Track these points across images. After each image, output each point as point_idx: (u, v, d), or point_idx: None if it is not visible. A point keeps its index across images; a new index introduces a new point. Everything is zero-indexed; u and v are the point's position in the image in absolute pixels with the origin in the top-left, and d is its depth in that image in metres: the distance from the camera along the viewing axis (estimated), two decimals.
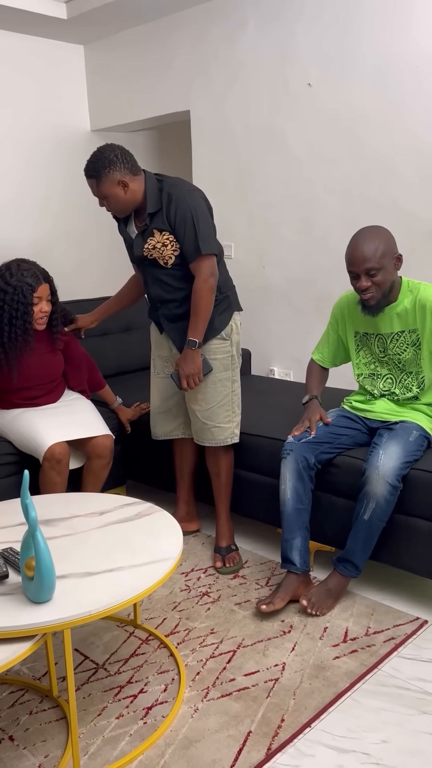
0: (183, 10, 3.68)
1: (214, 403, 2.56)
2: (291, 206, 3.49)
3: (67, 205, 4.33)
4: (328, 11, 3.13)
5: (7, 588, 1.65)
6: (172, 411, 2.74)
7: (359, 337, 2.45)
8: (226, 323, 2.55)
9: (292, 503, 2.34)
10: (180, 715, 1.84)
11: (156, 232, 2.42)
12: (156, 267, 2.49)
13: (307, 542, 2.37)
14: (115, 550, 1.83)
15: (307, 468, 2.35)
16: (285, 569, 2.35)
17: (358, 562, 2.27)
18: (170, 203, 2.38)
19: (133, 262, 2.63)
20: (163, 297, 2.54)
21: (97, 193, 2.39)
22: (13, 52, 3.94)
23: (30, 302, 2.49)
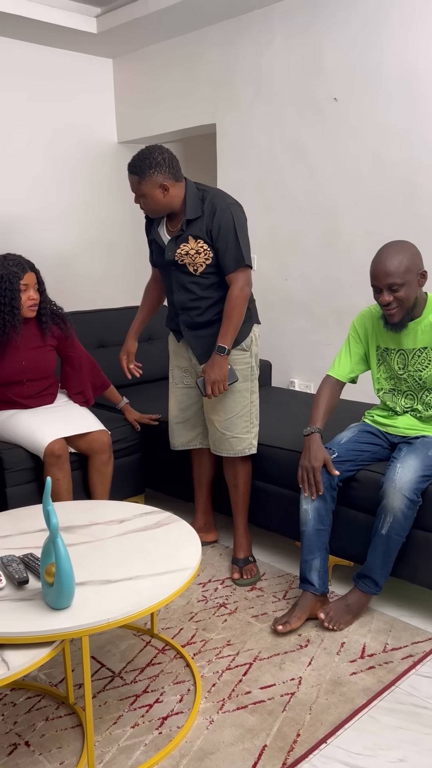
0: (211, 24, 3.73)
1: (232, 414, 2.57)
2: (314, 219, 3.50)
3: (93, 215, 4.38)
4: (354, 26, 3.15)
5: (27, 593, 1.66)
6: (190, 421, 2.75)
7: (380, 353, 2.43)
8: (246, 335, 2.56)
9: (313, 523, 2.32)
10: (195, 727, 1.84)
11: (191, 238, 2.44)
12: (184, 273, 2.50)
13: (327, 563, 2.35)
14: (134, 558, 1.84)
15: (329, 488, 2.33)
16: (303, 590, 2.33)
17: (378, 578, 2.25)
18: (213, 213, 2.41)
19: (158, 266, 2.62)
20: (186, 304, 2.55)
21: (137, 190, 2.40)
22: (43, 65, 4.01)
23: (17, 289, 2.58)
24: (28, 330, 2.71)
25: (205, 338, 2.55)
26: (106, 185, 4.43)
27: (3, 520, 2.11)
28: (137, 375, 2.78)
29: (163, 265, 2.57)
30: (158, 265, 2.62)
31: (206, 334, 2.55)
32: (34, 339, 2.73)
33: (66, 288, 4.24)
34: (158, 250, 2.56)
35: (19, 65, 3.92)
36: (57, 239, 4.23)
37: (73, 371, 2.87)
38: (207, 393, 2.46)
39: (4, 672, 1.44)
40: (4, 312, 2.58)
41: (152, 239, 2.58)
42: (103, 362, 3.47)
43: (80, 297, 4.26)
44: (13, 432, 2.64)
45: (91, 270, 4.42)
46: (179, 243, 2.46)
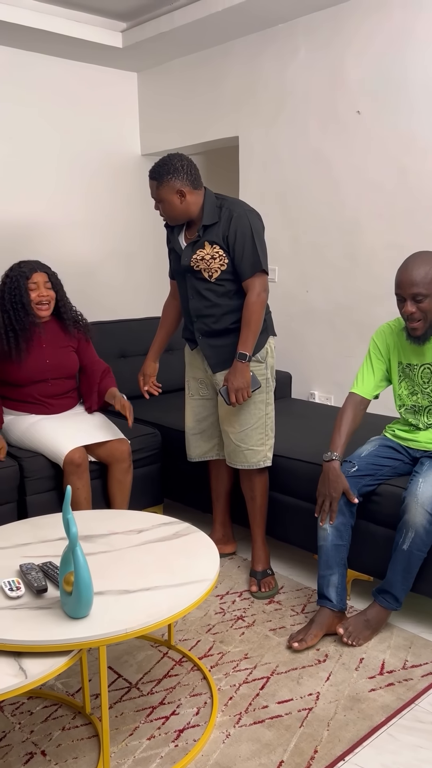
0: (235, 39, 3.76)
1: (247, 426, 2.56)
2: (336, 231, 3.50)
3: (115, 225, 4.42)
4: (378, 40, 3.16)
5: (46, 602, 1.67)
6: (206, 432, 2.75)
7: (402, 368, 2.40)
8: (261, 346, 2.56)
9: (332, 539, 2.30)
10: (211, 740, 1.83)
11: (207, 244, 2.46)
12: (199, 279, 2.52)
13: (345, 579, 2.32)
14: (152, 568, 1.84)
15: (348, 503, 2.31)
16: (320, 605, 2.30)
17: (398, 594, 2.22)
18: (230, 220, 2.44)
19: (176, 274, 2.64)
20: (201, 311, 2.56)
21: (155, 195, 2.44)
22: (69, 78, 4.07)
23: (24, 287, 2.69)
24: (51, 328, 2.80)
25: (219, 347, 2.56)
26: (128, 197, 4.47)
27: (23, 528, 2.12)
28: (155, 394, 2.77)
29: (179, 272, 2.60)
30: (176, 273, 2.64)
31: (220, 343, 2.55)
32: (58, 338, 2.82)
33: (88, 297, 4.28)
34: (176, 257, 2.59)
35: (46, 79, 3.98)
36: (79, 249, 4.28)
37: (84, 376, 2.93)
38: (231, 401, 2.46)
39: (21, 680, 1.44)
40: (18, 310, 2.69)
41: (171, 248, 2.62)
42: (123, 372, 3.50)
43: (101, 307, 4.30)
44: (34, 439, 2.66)
45: (113, 280, 4.45)
46: (195, 249, 2.48)
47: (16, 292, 2.69)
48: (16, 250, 3.95)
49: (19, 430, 2.73)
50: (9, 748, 1.80)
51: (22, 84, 3.89)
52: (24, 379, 2.73)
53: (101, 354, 3.45)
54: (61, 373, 2.80)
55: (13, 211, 3.95)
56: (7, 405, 2.81)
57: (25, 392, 2.76)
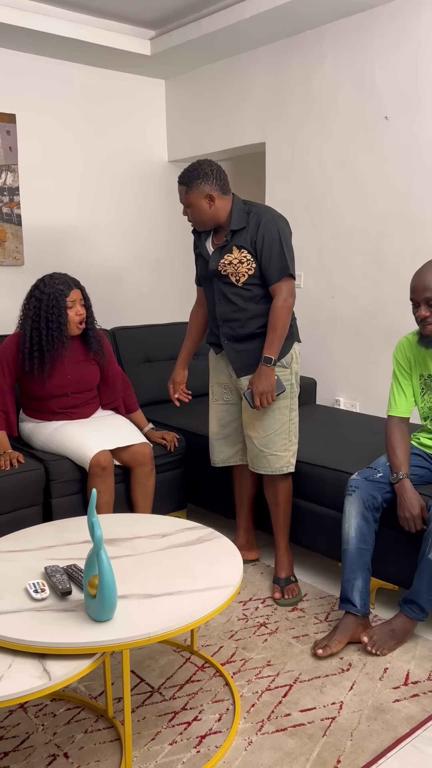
0: (262, 46, 3.77)
1: (271, 431, 2.56)
2: (362, 238, 3.48)
3: (142, 232, 4.46)
4: (406, 46, 3.15)
5: (70, 605, 1.68)
6: (230, 437, 2.74)
7: (423, 380, 2.37)
8: (287, 352, 2.56)
9: (356, 543, 2.29)
10: (233, 747, 1.82)
11: (235, 248, 2.47)
12: (226, 284, 2.53)
13: (368, 583, 2.30)
14: (176, 573, 1.84)
15: (372, 508, 2.29)
16: (344, 610, 2.29)
17: (425, 604, 2.19)
18: (258, 225, 2.46)
19: (203, 279, 2.64)
20: (227, 315, 2.56)
21: (184, 200, 2.46)
22: (98, 86, 4.12)
23: (63, 306, 2.65)
24: (74, 344, 2.77)
25: (244, 352, 2.56)
26: (155, 203, 4.50)
27: (48, 530, 2.14)
28: (185, 401, 2.79)
29: (206, 277, 2.60)
30: (202, 278, 2.64)
31: (245, 348, 2.55)
32: (79, 353, 2.80)
33: (115, 303, 4.32)
34: (203, 263, 2.60)
35: (75, 86, 4.03)
36: (107, 255, 4.31)
37: (106, 389, 2.92)
38: (255, 405, 2.46)
39: (45, 682, 1.45)
40: (53, 329, 2.65)
41: (198, 253, 2.63)
42: (149, 377, 3.52)
43: (128, 312, 4.33)
44: (60, 443, 2.69)
45: (139, 286, 4.48)
46: (223, 253, 2.49)
47: (55, 310, 2.63)
48: (44, 257, 4.00)
49: (44, 434, 2.75)
50: (32, 750, 1.81)
51: (52, 92, 3.94)
52: (44, 394, 2.74)
53: (126, 359, 3.49)
54: (81, 387, 2.80)
55: (42, 218, 4.01)
56: (28, 414, 2.84)
57: (45, 405, 2.77)
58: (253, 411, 2.55)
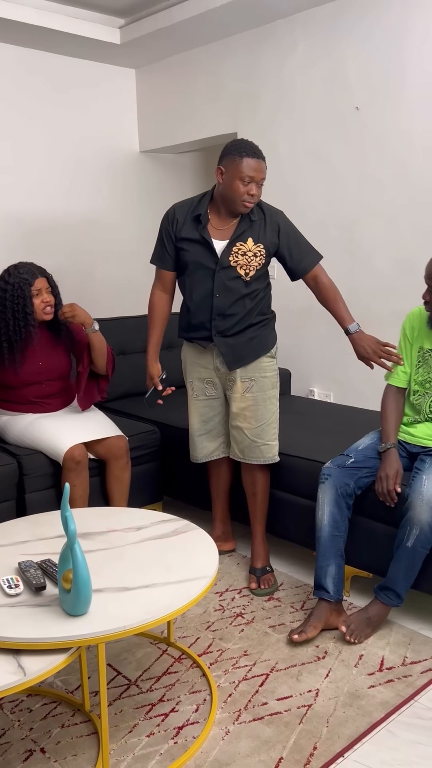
0: (233, 35, 3.75)
1: (263, 421, 2.57)
2: (336, 228, 3.49)
3: (113, 223, 4.41)
4: (377, 36, 3.15)
5: (44, 599, 1.67)
6: (212, 432, 2.73)
7: (422, 354, 2.40)
8: (274, 342, 2.58)
9: (329, 530, 2.31)
10: (211, 737, 1.83)
11: (250, 239, 2.44)
12: (233, 278, 2.46)
13: (342, 570, 2.33)
14: (151, 566, 1.84)
15: (345, 495, 2.31)
16: (317, 596, 2.31)
17: (401, 590, 2.22)
18: (272, 217, 2.48)
19: (195, 269, 2.50)
20: (226, 309, 2.49)
21: (263, 175, 2.40)
22: (66, 75, 4.06)
23: (28, 295, 2.63)
24: (42, 333, 2.75)
25: (236, 345, 2.54)
26: (127, 193, 4.46)
27: (21, 525, 2.12)
28: (168, 393, 2.62)
29: (202, 267, 2.48)
30: (196, 267, 2.50)
31: (237, 341, 2.54)
32: (49, 340, 2.78)
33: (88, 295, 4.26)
34: (200, 250, 2.47)
35: (43, 76, 3.96)
36: (78, 246, 4.27)
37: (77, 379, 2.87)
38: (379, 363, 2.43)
39: (20, 678, 1.44)
40: (19, 319, 2.62)
41: (185, 238, 2.49)
42: (123, 370, 3.49)
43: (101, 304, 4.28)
44: (34, 437, 2.66)
45: (111, 277, 4.44)
46: (235, 242, 2.43)
47: (20, 300, 2.61)
48: (13, 247, 3.94)
49: (18, 428, 2.72)
50: (8, 746, 1.80)
51: (20, 81, 3.88)
52: (17, 382, 2.71)
53: None
54: (53, 374, 2.78)
55: (10, 209, 3.94)
56: (3, 406, 2.80)
57: (19, 394, 2.75)
58: (245, 402, 2.55)
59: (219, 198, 2.46)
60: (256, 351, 2.56)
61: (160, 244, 2.59)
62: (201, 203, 2.50)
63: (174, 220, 2.52)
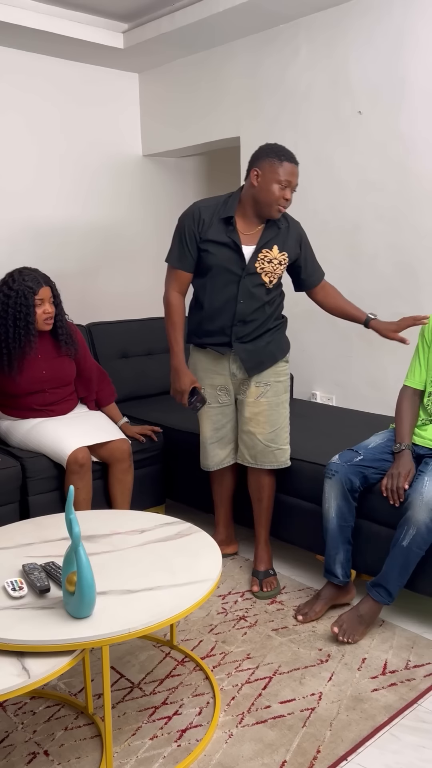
0: (236, 39, 3.76)
1: (277, 426, 2.57)
2: (338, 232, 3.50)
3: (117, 227, 4.43)
4: (380, 40, 3.16)
5: (48, 602, 1.67)
6: (223, 439, 2.67)
7: None
8: (288, 346, 2.62)
9: (336, 521, 2.36)
10: (214, 740, 1.83)
11: (275, 247, 2.44)
12: (256, 284, 2.44)
13: (350, 555, 2.40)
14: (155, 568, 1.84)
15: (350, 491, 2.34)
16: (327, 579, 2.41)
17: (393, 589, 2.23)
18: (295, 227, 2.50)
19: (219, 273, 2.43)
20: (248, 316, 2.47)
21: (297, 182, 2.39)
22: (70, 79, 4.08)
23: (32, 304, 2.61)
24: (46, 341, 2.74)
25: (254, 351, 2.52)
26: (130, 197, 4.48)
27: (26, 528, 2.13)
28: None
29: (227, 272, 2.43)
30: (221, 271, 2.43)
31: (255, 347, 2.53)
32: (52, 349, 2.77)
33: (91, 298, 4.29)
34: (227, 254, 2.41)
35: (46, 80, 3.98)
36: (82, 250, 4.28)
37: (81, 383, 2.89)
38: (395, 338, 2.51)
39: (24, 680, 1.44)
40: (20, 327, 2.61)
41: (211, 240, 2.41)
42: (126, 373, 3.50)
43: (104, 308, 4.30)
44: (37, 441, 2.66)
45: (114, 281, 4.45)
46: (261, 249, 2.42)
47: (23, 308, 2.58)
48: (17, 251, 3.95)
49: (21, 432, 2.73)
50: (12, 748, 1.80)
51: (23, 85, 3.89)
52: (20, 391, 2.71)
53: (103, 355, 3.47)
54: (57, 382, 2.77)
55: (15, 213, 3.96)
56: (6, 412, 2.80)
57: (23, 402, 2.74)
58: (259, 407, 2.54)
59: (249, 201, 2.39)
60: (274, 355, 2.56)
61: (179, 243, 2.47)
62: (229, 205, 2.42)
63: (200, 220, 2.42)
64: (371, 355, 3.47)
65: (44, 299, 2.65)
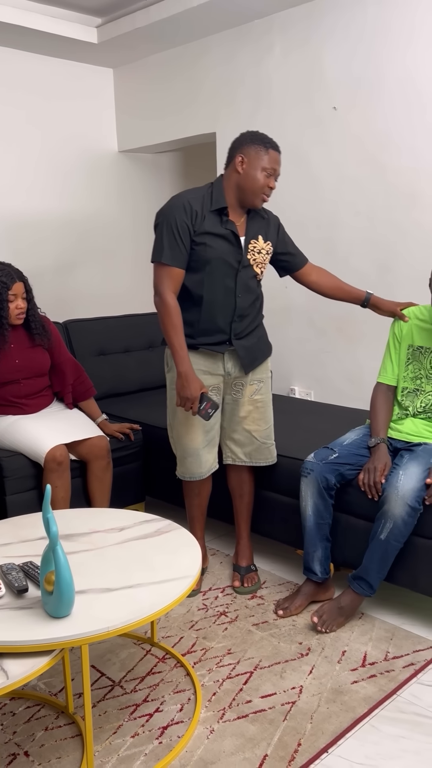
0: (211, 35, 3.75)
1: (270, 422, 2.59)
2: (314, 227, 3.51)
3: (93, 223, 4.40)
4: (354, 36, 3.17)
5: (27, 602, 1.66)
6: (212, 442, 2.56)
7: (411, 351, 2.44)
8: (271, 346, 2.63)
9: (314, 519, 2.37)
10: (196, 736, 1.83)
11: (261, 237, 2.41)
12: (250, 276, 2.40)
13: (328, 551, 2.41)
14: (134, 566, 1.84)
15: (326, 488, 2.35)
16: (306, 576, 2.43)
17: (373, 581, 2.26)
18: (272, 216, 2.48)
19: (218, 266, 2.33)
20: (246, 310, 2.42)
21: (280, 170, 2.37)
22: (43, 74, 4.04)
23: (5, 299, 2.61)
24: (19, 333, 2.74)
25: (250, 347, 2.49)
26: (106, 193, 4.45)
27: (3, 528, 2.11)
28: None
29: (225, 265, 2.33)
30: (219, 264, 2.32)
31: (250, 343, 2.50)
32: (26, 340, 2.76)
33: (68, 295, 4.26)
34: (225, 246, 2.31)
35: (20, 75, 3.94)
36: (58, 246, 4.25)
37: (56, 376, 2.87)
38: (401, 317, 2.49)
39: (3, 681, 1.43)
40: None
41: (209, 232, 2.29)
42: (104, 370, 3.49)
43: (81, 305, 4.28)
44: (14, 439, 2.64)
45: (91, 277, 4.43)
46: (249, 240, 2.38)
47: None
48: None
49: None
50: None
51: None
52: None
53: (81, 352, 3.45)
54: (31, 372, 2.76)
55: None
56: None
57: None
58: (254, 404, 2.53)
59: (233, 189, 2.31)
60: (264, 351, 2.56)
61: (171, 240, 2.28)
62: (216, 195, 2.31)
63: (193, 213, 2.27)
64: (348, 350, 3.50)
65: (17, 294, 2.64)
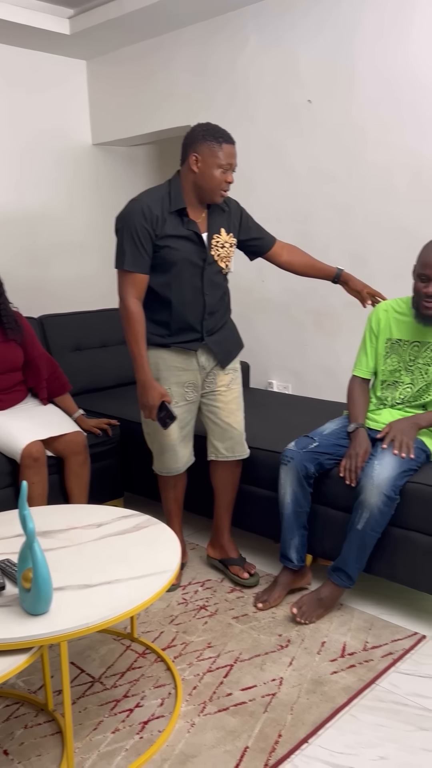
0: (185, 26, 3.72)
1: (243, 413, 2.60)
2: (290, 220, 3.51)
3: (67, 217, 4.35)
4: (328, 29, 3.17)
5: (4, 600, 1.64)
6: (187, 437, 2.56)
7: (390, 344, 2.45)
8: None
9: (292, 507, 2.39)
10: (176, 730, 1.83)
11: (223, 230, 2.39)
12: (215, 272, 2.40)
13: (305, 539, 2.43)
14: (113, 562, 1.83)
15: (305, 477, 2.36)
16: (282, 564, 2.44)
17: (352, 572, 2.27)
18: (233, 205, 2.46)
19: (184, 267, 2.33)
20: (215, 306, 2.42)
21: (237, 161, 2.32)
22: (15, 66, 3.98)
23: None
24: None
25: (222, 342, 2.50)
26: (80, 187, 4.40)
27: None
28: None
29: (191, 264, 2.34)
30: (186, 265, 2.33)
31: (222, 337, 2.51)
32: None
33: (42, 290, 4.21)
34: (188, 247, 2.32)
35: None
36: (30, 240, 4.19)
37: (29, 372, 2.84)
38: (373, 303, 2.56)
39: None
40: None
41: (171, 235, 2.29)
42: (80, 365, 3.46)
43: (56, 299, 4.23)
44: None
45: (65, 272, 4.38)
46: (211, 235, 2.36)
47: None
48: None
49: None
50: None
51: None
52: None
53: (57, 347, 3.41)
54: (4, 367, 2.72)
55: None
56: None
57: None
58: (231, 394, 2.53)
59: (191, 187, 2.30)
60: (238, 343, 2.58)
61: (133, 246, 2.28)
62: (174, 196, 2.31)
63: (153, 217, 2.27)
64: (325, 343, 3.51)
65: None
